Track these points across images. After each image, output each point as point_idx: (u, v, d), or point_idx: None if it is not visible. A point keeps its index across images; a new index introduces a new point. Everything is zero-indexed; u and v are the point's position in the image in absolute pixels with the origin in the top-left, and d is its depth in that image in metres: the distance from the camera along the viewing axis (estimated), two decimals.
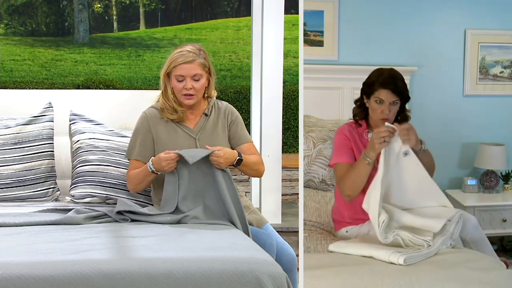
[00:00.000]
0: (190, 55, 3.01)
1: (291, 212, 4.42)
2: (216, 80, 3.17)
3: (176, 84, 3.03)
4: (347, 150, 3.15)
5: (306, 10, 3.62)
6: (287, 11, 4.07)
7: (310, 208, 3.45)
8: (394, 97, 3.05)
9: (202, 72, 3.03)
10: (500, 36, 3.72)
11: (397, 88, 3.05)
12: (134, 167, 3.09)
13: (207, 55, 3.08)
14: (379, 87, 3.06)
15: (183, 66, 3.00)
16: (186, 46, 3.05)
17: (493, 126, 3.72)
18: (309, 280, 2.66)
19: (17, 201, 3.35)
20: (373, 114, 3.13)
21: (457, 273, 2.76)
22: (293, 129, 7.45)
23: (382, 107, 3.07)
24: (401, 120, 3.14)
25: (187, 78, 3.01)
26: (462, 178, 3.72)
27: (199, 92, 3.05)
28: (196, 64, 3.01)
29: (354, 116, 3.21)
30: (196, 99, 3.06)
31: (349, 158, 3.14)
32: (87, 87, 8.19)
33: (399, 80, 3.07)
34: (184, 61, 3.00)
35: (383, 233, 2.93)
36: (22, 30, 15.46)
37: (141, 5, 16.37)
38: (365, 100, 3.14)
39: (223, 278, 2.31)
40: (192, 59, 3.00)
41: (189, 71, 3.00)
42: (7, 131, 3.42)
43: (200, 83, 3.03)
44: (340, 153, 3.17)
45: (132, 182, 3.08)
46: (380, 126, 3.08)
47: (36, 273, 2.22)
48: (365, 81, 3.14)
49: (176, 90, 3.04)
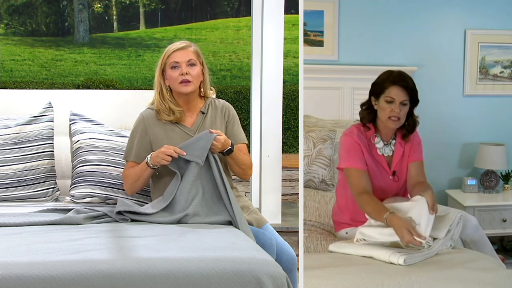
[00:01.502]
0: (183, 44, 3.10)
1: (291, 212, 4.42)
2: (216, 80, 3.18)
3: (172, 73, 3.05)
4: (358, 154, 3.09)
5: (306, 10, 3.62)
6: (287, 11, 4.07)
7: (310, 208, 3.45)
8: (404, 95, 3.02)
9: (196, 59, 3.08)
10: (500, 36, 3.72)
11: (408, 86, 3.03)
12: (130, 167, 3.10)
13: (199, 50, 3.13)
14: (390, 85, 3.03)
15: (176, 53, 3.06)
16: (177, 41, 3.14)
17: (493, 126, 3.71)
18: (309, 280, 2.66)
19: (17, 201, 3.35)
20: (381, 114, 3.08)
21: (457, 273, 2.76)
22: (293, 129, 7.44)
23: (392, 106, 3.03)
24: (410, 124, 3.12)
25: (182, 64, 3.04)
26: (462, 178, 3.72)
27: (195, 79, 3.06)
28: (189, 50, 3.08)
29: (361, 119, 3.16)
30: (193, 86, 3.07)
31: (361, 163, 3.08)
32: (87, 87, 8.18)
33: (409, 78, 3.06)
34: (177, 48, 3.07)
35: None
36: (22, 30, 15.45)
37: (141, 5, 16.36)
38: (374, 101, 3.10)
39: (223, 278, 2.31)
40: (185, 45, 3.09)
41: (183, 57, 3.06)
42: (7, 131, 3.42)
43: (195, 70, 3.06)
44: (351, 157, 3.11)
45: (128, 181, 3.08)
46: (388, 125, 3.07)
47: (36, 273, 2.22)
48: (374, 82, 3.11)
49: (172, 79, 3.05)
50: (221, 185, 2.95)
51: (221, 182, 2.95)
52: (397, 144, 3.16)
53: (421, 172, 3.16)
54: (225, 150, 2.99)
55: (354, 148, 3.10)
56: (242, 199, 3.17)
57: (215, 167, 2.96)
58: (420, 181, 3.13)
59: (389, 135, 3.15)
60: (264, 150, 4.10)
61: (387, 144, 3.15)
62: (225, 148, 2.99)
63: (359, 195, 3.05)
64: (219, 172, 2.96)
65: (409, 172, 3.16)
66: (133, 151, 3.10)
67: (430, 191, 2.97)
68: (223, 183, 2.95)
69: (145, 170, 3.02)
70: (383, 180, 3.13)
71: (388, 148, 3.16)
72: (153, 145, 3.08)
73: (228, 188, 2.95)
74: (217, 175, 2.96)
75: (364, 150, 3.10)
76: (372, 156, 3.12)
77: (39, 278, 2.22)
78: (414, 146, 3.16)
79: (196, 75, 3.07)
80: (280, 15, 4.04)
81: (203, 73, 3.12)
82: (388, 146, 3.15)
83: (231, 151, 3.01)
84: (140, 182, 3.06)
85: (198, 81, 3.09)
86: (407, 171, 3.17)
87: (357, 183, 3.07)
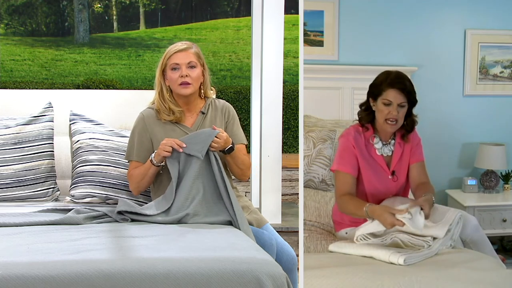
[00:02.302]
0: (184, 45, 3.09)
1: (291, 212, 4.42)
2: (216, 80, 3.19)
3: (172, 74, 3.04)
4: (349, 158, 3.09)
5: (306, 10, 3.62)
6: (287, 11, 4.07)
7: (310, 208, 3.45)
8: (402, 98, 3.01)
9: (197, 61, 3.08)
10: (500, 36, 3.72)
11: (406, 88, 3.01)
12: (134, 167, 3.10)
13: (200, 51, 3.12)
14: (387, 87, 3.02)
15: (177, 55, 3.06)
16: (179, 42, 3.13)
17: (493, 126, 3.72)
18: (309, 280, 2.66)
19: (17, 201, 3.35)
20: (379, 116, 3.07)
21: (457, 273, 2.76)
22: (293, 129, 7.44)
23: (389, 108, 3.02)
24: (408, 124, 3.12)
25: (182, 66, 3.04)
26: (462, 178, 3.72)
27: (195, 81, 3.06)
28: (190, 52, 3.07)
29: (360, 120, 3.15)
30: (193, 88, 3.07)
31: (350, 167, 3.08)
32: (87, 87, 8.18)
33: (407, 80, 3.05)
34: (178, 49, 3.07)
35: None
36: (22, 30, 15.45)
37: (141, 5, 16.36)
38: (372, 102, 3.09)
39: (223, 278, 2.31)
40: (186, 47, 3.08)
41: (183, 59, 3.05)
42: (7, 131, 3.42)
43: (196, 72, 3.06)
44: (341, 160, 3.11)
45: (134, 180, 3.08)
46: (385, 128, 3.06)
47: (36, 273, 2.22)
48: (372, 83, 3.10)
49: (172, 81, 3.05)
50: (222, 185, 2.95)
51: (222, 181, 2.95)
52: (396, 144, 3.15)
53: (423, 172, 3.16)
54: (226, 149, 2.99)
55: (347, 151, 3.10)
56: (242, 199, 3.17)
57: (216, 167, 2.96)
58: (422, 182, 3.14)
59: (388, 135, 3.14)
60: (264, 150, 4.10)
61: (386, 144, 3.15)
62: (226, 146, 2.99)
63: (340, 197, 3.09)
64: (220, 171, 2.96)
65: (411, 173, 3.17)
66: (134, 150, 3.10)
67: (430, 196, 2.98)
68: (223, 183, 2.95)
69: (149, 168, 3.02)
70: (382, 180, 3.13)
71: (387, 148, 3.15)
72: (154, 144, 3.08)
73: (229, 188, 2.95)
74: (217, 175, 2.96)
75: (358, 153, 3.09)
76: (370, 157, 3.11)
77: (39, 278, 2.22)
78: (414, 147, 3.16)
79: (196, 77, 3.07)
80: (280, 15, 4.04)
81: (204, 75, 3.11)
82: (387, 146, 3.15)
83: (232, 150, 3.01)
84: (146, 181, 3.07)
85: (198, 83, 3.09)
86: (406, 171, 3.17)
87: (341, 186, 3.09)
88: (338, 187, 3.12)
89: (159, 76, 3.10)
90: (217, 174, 2.96)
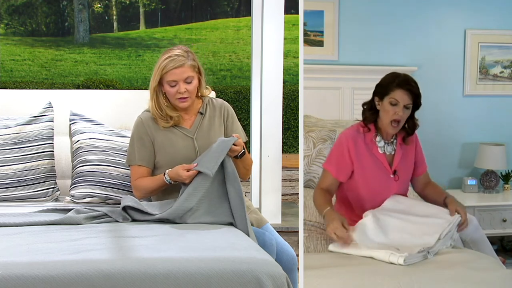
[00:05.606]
0: (180, 59, 3.00)
1: (291, 212, 4.42)
2: (216, 80, 3.18)
3: (169, 89, 3.02)
4: (341, 161, 3.12)
5: (306, 10, 3.62)
6: (287, 11, 4.07)
7: (310, 208, 3.45)
8: (409, 99, 3.03)
9: (193, 73, 3.03)
10: (500, 36, 3.72)
11: (414, 90, 3.05)
12: (138, 173, 3.08)
13: (194, 55, 3.07)
14: (396, 87, 3.04)
15: (174, 72, 2.99)
16: (173, 50, 3.03)
17: (493, 126, 3.72)
18: (309, 280, 2.66)
19: (17, 201, 3.35)
20: (384, 116, 3.08)
21: (457, 273, 2.76)
22: (293, 129, 7.45)
23: (395, 109, 3.04)
24: (410, 127, 3.14)
25: (180, 82, 3.00)
26: (462, 178, 3.72)
27: (193, 93, 3.05)
28: (186, 67, 3.00)
29: (364, 120, 3.16)
30: (191, 100, 3.06)
31: (337, 171, 3.12)
32: (87, 87, 8.18)
33: (414, 83, 3.08)
34: (174, 66, 2.98)
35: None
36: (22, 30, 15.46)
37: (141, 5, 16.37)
38: (377, 102, 3.10)
39: (223, 278, 2.31)
40: (182, 63, 2.99)
41: (181, 75, 3.00)
42: (7, 131, 3.42)
43: (193, 85, 3.04)
44: (333, 160, 3.16)
45: (141, 191, 3.06)
46: (389, 128, 3.07)
47: (36, 273, 2.22)
48: (379, 83, 3.11)
49: (170, 95, 3.03)
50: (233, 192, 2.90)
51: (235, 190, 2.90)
52: (398, 144, 3.17)
53: (427, 177, 3.28)
54: (239, 154, 2.99)
55: (340, 154, 3.13)
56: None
57: (231, 175, 2.90)
58: (426, 182, 3.26)
59: (389, 135, 3.15)
60: (264, 150, 4.10)
61: (388, 143, 3.16)
62: (240, 152, 2.99)
63: (316, 189, 3.16)
64: (235, 179, 2.91)
65: (417, 183, 3.27)
66: (136, 155, 3.08)
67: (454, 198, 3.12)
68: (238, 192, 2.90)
69: (163, 186, 3.02)
70: (383, 179, 3.13)
71: (390, 147, 3.16)
72: (156, 147, 3.07)
73: (242, 197, 2.90)
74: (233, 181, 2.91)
75: (355, 156, 3.10)
76: (372, 155, 3.12)
77: (39, 278, 2.22)
78: (418, 155, 3.22)
79: (193, 89, 3.04)
80: (280, 15, 4.04)
81: (200, 80, 3.09)
82: (390, 145, 3.16)
83: (244, 154, 3.01)
84: (154, 193, 3.08)
85: (195, 93, 3.08)
86: (407, 171, 3.19)
87: (321, 181, 3.16)
88: (320, 181, 3.19)
89: (155, 86, 3.04)
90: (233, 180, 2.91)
